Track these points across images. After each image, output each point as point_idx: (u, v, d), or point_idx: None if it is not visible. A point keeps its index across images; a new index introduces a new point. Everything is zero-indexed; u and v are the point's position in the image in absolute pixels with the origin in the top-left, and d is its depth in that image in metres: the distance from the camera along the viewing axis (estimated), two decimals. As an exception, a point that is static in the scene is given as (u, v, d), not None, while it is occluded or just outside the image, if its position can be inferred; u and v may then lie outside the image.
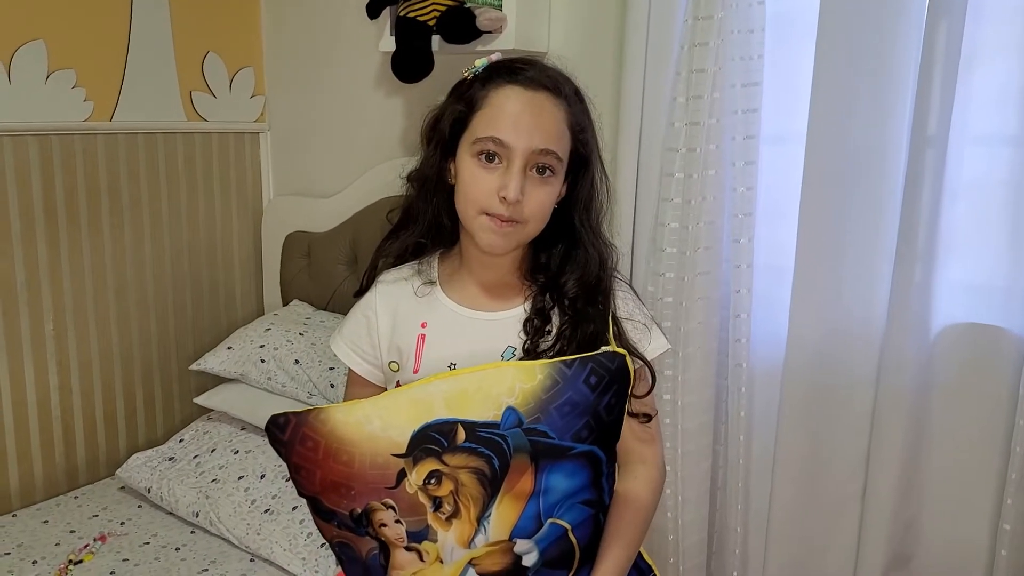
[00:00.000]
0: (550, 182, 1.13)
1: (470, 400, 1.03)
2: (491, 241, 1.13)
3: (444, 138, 1.16)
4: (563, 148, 1.13)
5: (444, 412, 1.03)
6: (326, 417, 1.06)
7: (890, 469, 1.52)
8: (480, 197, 1.11)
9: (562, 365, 1.05)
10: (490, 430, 1.03)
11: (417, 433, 1.03)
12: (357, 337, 1.26)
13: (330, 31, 2.25)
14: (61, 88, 1.97)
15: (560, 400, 1.03)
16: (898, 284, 1.49)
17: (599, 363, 1.06)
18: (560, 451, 1.04)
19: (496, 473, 1.03)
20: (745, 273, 1.62)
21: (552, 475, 1.05)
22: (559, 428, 1.04)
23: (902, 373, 1.49)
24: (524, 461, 1.03)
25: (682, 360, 1.64)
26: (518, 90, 1.11)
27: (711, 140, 1.58)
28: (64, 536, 1.79)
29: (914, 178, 1.45)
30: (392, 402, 1.06)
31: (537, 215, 1.13)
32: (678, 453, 1.67)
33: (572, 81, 1.18)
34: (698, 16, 1.56)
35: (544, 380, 1.04)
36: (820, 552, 1.62)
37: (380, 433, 1.04)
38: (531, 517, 1.05)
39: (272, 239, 2.37)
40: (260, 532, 1.70)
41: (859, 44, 1.47)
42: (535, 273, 1.21)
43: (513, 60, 1.16)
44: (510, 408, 1.03)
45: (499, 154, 1.10)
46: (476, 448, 1.02)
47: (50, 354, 2.01)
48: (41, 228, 1.96)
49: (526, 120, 1.10)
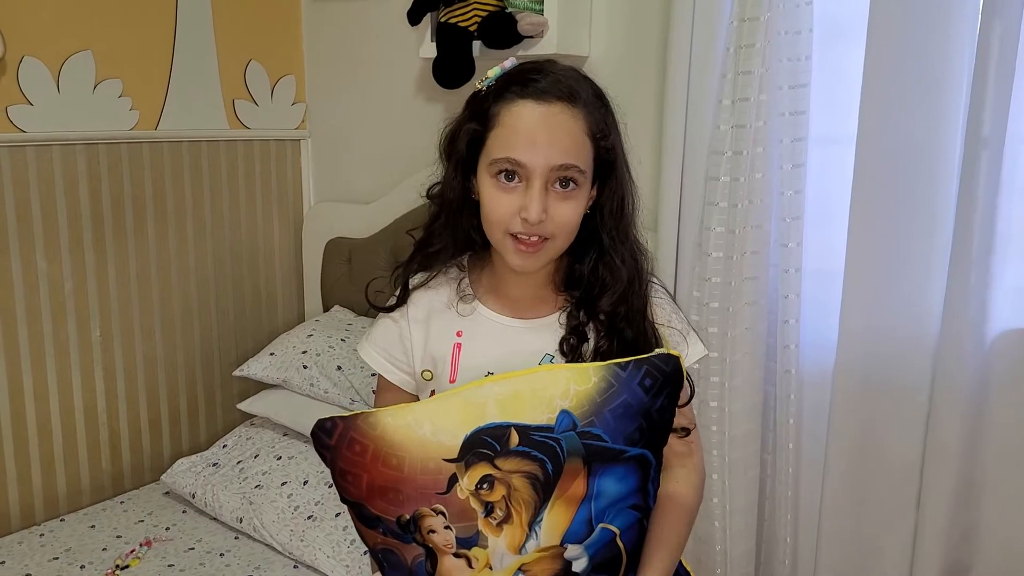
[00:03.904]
0: (574, 195, 1.08)
1: (523, 403, 1.01)
2: (520, 262, 1.10)
3: (462, 157, 1.13)
4: (584, 158, 1.08)
5: (497, 415, 1.01)
6: (375, 421, 1.04)
7: (946, 476, 1.49)
8: (502, 219, 1.08)
9: (617, 368, 1.03)
10: (544, 434, 1.01)
11: (469, 437, 1.01)
12: (389, 345, 1.22)
13: (370, 38, 2.26)
14: (108, 97, 1.99)
15: (615, 403, 1.02)
16: (952, 288, 1.45)
17: (654, 365, 1.04)
18: (613, 455, 1.03)
19: (549, 477, 1.01)
20: (793, 278, 1.59)
21: (604, 479, 1.03)
22: (612, 431, 1.02)
23: (957, 379, 1.46)
24: (577, 465, 1.02)
25: (729, 366, 1.62)
26: (530, 105, 1.06)
27: (758, 143, 1.56)
28: (111, 541, 1.80)
29: (968, 179, 1.42)
30: (443, 405, 1.04)
31: (564, 230, 1.09)
32: (725, 461, 1.64)
33: (591, 83, 1.12)
34: (744, 17, 1.54)
35: (599, 383, 1.02)
36: (873, 564, 1.59)
37: (431, 437, 1.02)
38: (583, 522, 1.03)
39: (313, 245, 2.38)
40: (304, 539, 1.70)
41: (910, 44, 1.45)
42: (569, 286, 1.18)
43: (525, 68, 1.11)
44: (564, 411, 1.01)
45: (517, 173, 1.06)
46: (530, 452, 1.01)
47: (96, 360, 2.04)
48: (88, 236, 1.99)
49: (541, 136, 1.05)
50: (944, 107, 1.45)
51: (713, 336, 1.61)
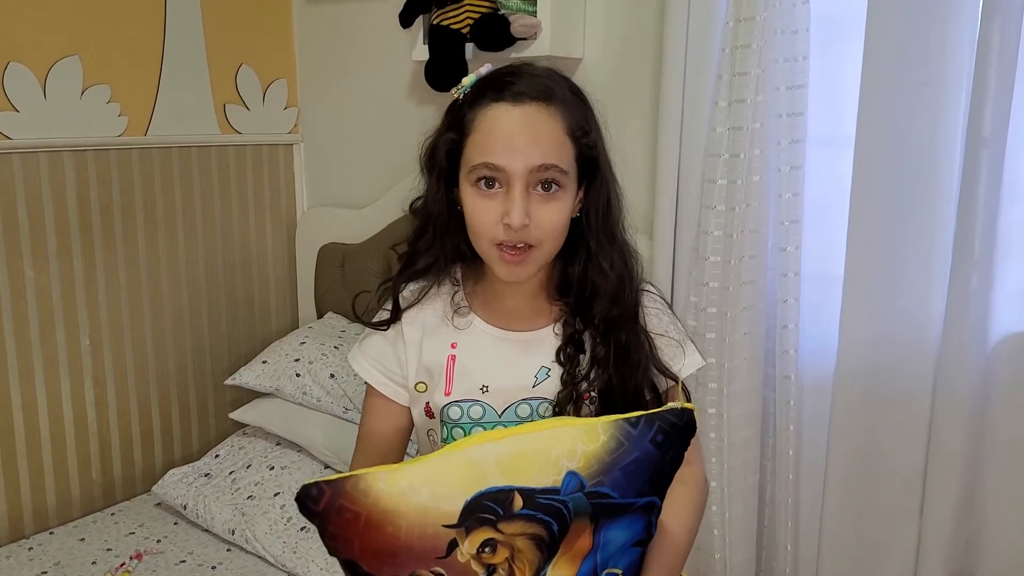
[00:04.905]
0: (558, 197, 1.05)
1: (527, 464, 0.95)
2: (508, 272, 1.07)
3: (443, 168, 1.10)
4: (566, 158, 1.05)
5: (498, 478, 0.94)
6: (366, 487, 0.95)
7: (948, 484, 1.47)
8: (486, 228, 1.05)
9: (626, 424, 0.97)
10: (550, 496, 0.95)
11: (470, 502, 0.94)
12: (383, 356, 1.19)
13: (362, 41, 2.23)
14: (96, 103, 1.96)
15: (626, 461, 0.96)
16: (954, 292, 1.43)
17: (666, 420, 0.98)
18: (622, 509, 0.98)
19: (555, 536, 0.96)
20: (792, 282, 1.57)
21: (611, 530, 0.98)
22: (622, 487, 0.96)
23: (959, 385, 1.44)
24: (584, 523, 0.96)
25: (728, 372, 1.59)
26: (505, 107, 1.03)
27: (755, 145, 1.53)
28: (101, 554, 1.77)
29: (969, 181, 1.40)
30: (440, 468, 0.97)
31: (550, 235, 1.06)
32: (724, 468, 1.62)
33: (567, 81, 1.09)
34: (740, 18, 1.52)
35: (608, 441, 0.96)
36: (876, 571, 1.57)
37: (430, 503, 0.94)
38: (587, 572, 0.99)
39: (306, 251, 2.36)
40: (296, 550, 1.67)
41: (910, 42, 1.43)
42: (563, 292, 1.15)
43: (500, 72, 1.08)
44: (572, 472, 0.95)
45: (497, 179, 1.03)
46: (535, 515, 0.95)
47: (86, 370, 2.01)
48: (77, 243, 1.96)
49: (518, 139, 1.02)
50: (944, 106, 1.43)
51: (711, 341, 1.59)
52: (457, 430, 1.13)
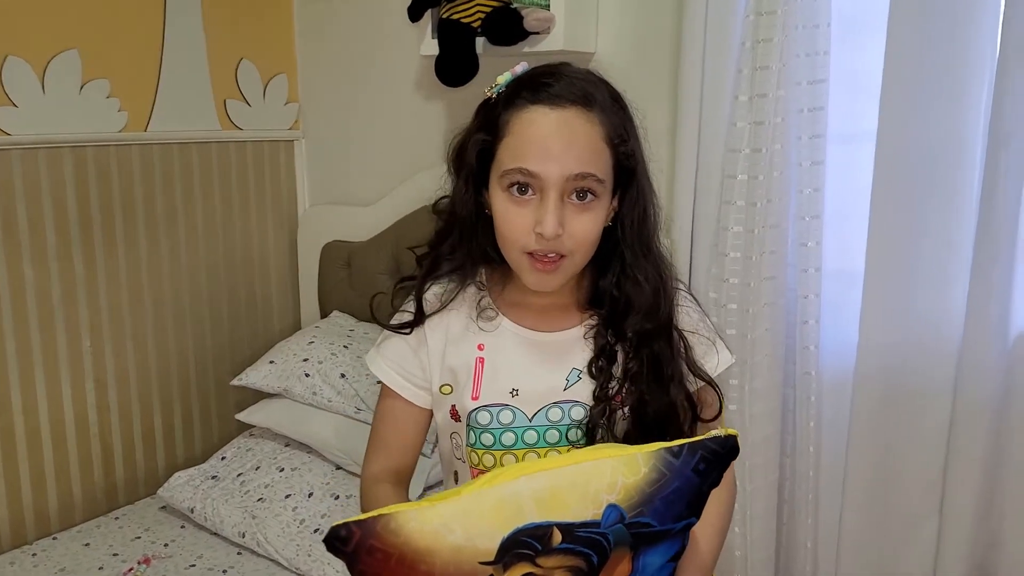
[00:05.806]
0: (592, 207, 1.02)
1: (565, 499, 0.92)
2: (537, 281, 1.04)
3: (473, 170, 1.06)
4: (603, 167, 1.01)
5: (536, 514, 0.91)
6: (397, 527, 0.91)
7: (969, 483, 1.46)
8: (517, 235, 1.02)
9: (668, 455, 0.94)
10: (590, 530, 0.92)
11: (508, 539, 0.91)
12: (403, 359, 1.15)
13: (367, 35, 2.20)
14: (96, 98, 1.92)
15: (667, 491, 0.94)
16: (975, 288, 1.42)
17: (708, 449, 0.95)
18: (661, 535, 0.96)
19: (594, 567, 0.93)
20: (813, 278, 1.56)
21: (649, 555, 0.96)
22: (662, 515, 0.94)
23: (981, 382, 1.43)
24: (624, 551, 0.94)
25: (748, 369, 1.58)
26: (543, 110, 1.00)
27: (776, 140, 1.52)
28: (107, 559, 1.74)
29: (991, 176, 1.39)
30: (473, 506, 0.93)
31: (583, 245, 1.03)
32: (745, 466, 1.61)
33: (607, 85, 1.05)
34: (760, 11, 1.50)
35: (649, 473, 0.93)
36: (894, 570, 1.56)
37: (464, 543, 0.91)
38: None
39: (308, 249, 2.32)
40: (311, 553, 1.64)
41: (932, 36, 1.41)
42: (593, 302, 1.12)
43: (537, 72, 1.04)
44: (612, 506, 0.92)
45: (530, 185, 1.00)
46: (574, 548, 0.92)
47: (87, 371, 1.97)
48: (77, 242, 1.92)
49: (555, 144, 0.99)
50: (967, 101, 1.42)
51: (732, 338, 1.57)
52: (486, 435, 1.10)
